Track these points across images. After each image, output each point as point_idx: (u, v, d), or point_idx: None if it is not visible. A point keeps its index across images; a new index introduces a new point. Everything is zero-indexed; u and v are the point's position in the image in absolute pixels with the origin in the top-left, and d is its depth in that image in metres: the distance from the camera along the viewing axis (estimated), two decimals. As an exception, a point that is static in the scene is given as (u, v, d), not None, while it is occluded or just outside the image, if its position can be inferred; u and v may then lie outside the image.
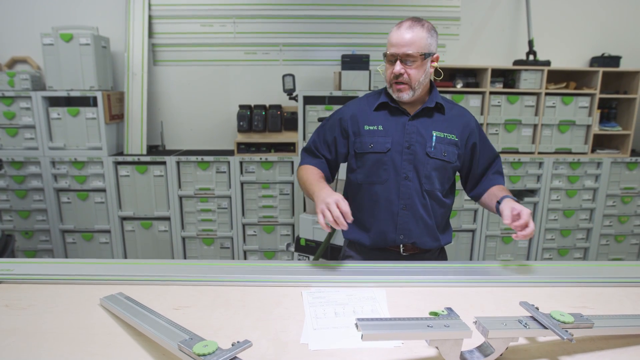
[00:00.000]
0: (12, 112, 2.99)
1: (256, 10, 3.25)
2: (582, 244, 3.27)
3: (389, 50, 1.40)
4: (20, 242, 3.18)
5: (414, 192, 1.46)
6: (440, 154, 1.45)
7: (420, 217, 1.48)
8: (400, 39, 1.36)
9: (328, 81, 3.35)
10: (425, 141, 1.45)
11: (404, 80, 1.39)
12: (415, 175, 1.46)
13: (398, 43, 1.37)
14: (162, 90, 3.37)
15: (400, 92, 1.41)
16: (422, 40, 1.37)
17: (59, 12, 3.19)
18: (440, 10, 3.28)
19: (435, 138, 1.45)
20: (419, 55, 1.37)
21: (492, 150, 1.57)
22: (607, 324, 0.94)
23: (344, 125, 1.53)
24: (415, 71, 1.38)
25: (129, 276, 1.27)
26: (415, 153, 1.45)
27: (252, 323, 1.04)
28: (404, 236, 1.49)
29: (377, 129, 1.47)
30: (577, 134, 3.13)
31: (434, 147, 1.45)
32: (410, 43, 1.36)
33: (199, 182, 3.11)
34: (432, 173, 1.46)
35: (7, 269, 1.31)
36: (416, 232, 1.48)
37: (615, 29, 3.37)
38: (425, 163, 1.45)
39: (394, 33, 1.39)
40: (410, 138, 1.45)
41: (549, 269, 1.37)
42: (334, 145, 1.55)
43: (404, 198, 1.46)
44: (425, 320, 0.84)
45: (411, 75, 1.38)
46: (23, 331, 0.99)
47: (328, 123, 1.58)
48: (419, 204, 1.47)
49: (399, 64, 1.38)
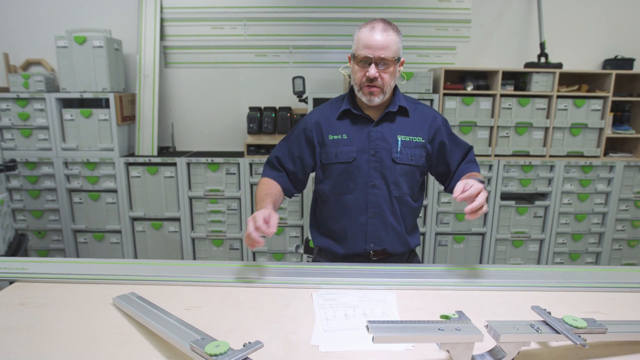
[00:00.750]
0: (26, 114, 3.04)
1: (266, 12, 3.27)
2: (594, 248, 3.23)
3: (361, 52, 1.36)
4: (33, 242, 3.23)
5: (382, 199, 1.45)
6: (407, 158, 1.44)
7: (389, 224, 1.47)
8: (375, 41, 1.33)
9: (338, 83, 3.35)
10: (391, 147, 1.43)
11: (378, 84, 1.37)
12: (382, 182, 1.44)
13: (373, 46, 1.33)
14: (173, 92, 3.41)
15: (373, 95, 1.38)
16: (396, 44, 1.36)
17: (72, 15, 3.24)
18: (451, 12, 3.27)
19: (401, 142, 1.44)
20: (393, 60, 1.35)
21: (464, 145, 1.54)
22: (621, 329, 0.93)
23: (308, 136, 1.49)
24: (388, 75, 1.37)
25: (141, 276, 1.28)
26: (381, 160, 1.43)
27: (263, 324, 1.04)
28: (374, 244, 1.48)
29: (342, 138, 1.45)
30: (589, 137, 3.09)
31: (400, 152, 1.43)
32: (385, 47, 1.33)
33: (209, 183, 3.13)
34: (399, 179, 1.45)
35: (21, 267, 1.33)
36: (386, 239, 1.48)
37: (628, 31, 3.33)
38: (392, 169, 1.43)
39: (367, 34, 1.35)
40: (375, 145, 1.43)
41: (560, 273, 1.36)
42: (300, 159, 1.51)
43: (373, 206, 1.45)
44: (437, 324, 0.84)
45: (384, 80, 1.37)
46: (37, 329, 1.01)
47: (293, 135, 1.54)
48: (387, 211, 1.46)
49: (373, 67, 1.35)
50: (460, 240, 3.18)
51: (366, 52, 1.35)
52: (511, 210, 3.13)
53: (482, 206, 1.18)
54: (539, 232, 3.19)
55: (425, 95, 2.98)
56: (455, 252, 3.20)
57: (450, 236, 3.18)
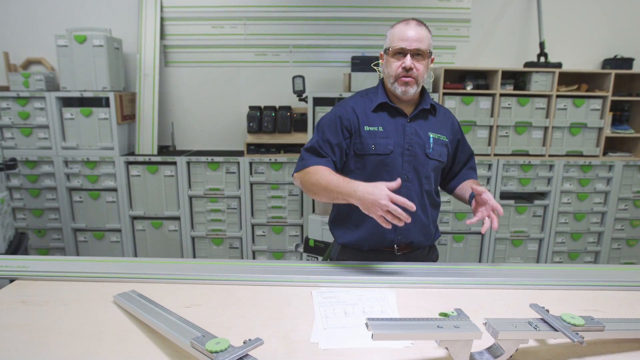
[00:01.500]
0: (26, 112, 3.04)
1: (267, 12, 3.27)
2: (593, 247, 3.24)
3: (397, 44, 1.40)
4: (33, 240, 3.23)
5: (414, 193, 1.48)
6: (437, 155, 1.50)
7: (418, 218, 1.49)
8: (411, 35, 1.39)
9: (338, 83, 3.36)
10: (424, 143, 1.48)
11: (413, 75, 1.41)
12: (415, 176, 1.48)
13: (409, 38, 1.39)
14: (173, 91, 3.41)
15: (408, 85, 1.42)
16: (428, 38, 1.43)
17: (72, 14, 3.24)
18: (451, 12, 3.27)
19: (432, 139, 1.49)
20: (427, 52, 1.41)
21: (469, 149, 1.66)
22: (619, 327, 0.93)
23: (345, 124, 1.48)
24: (423, 67, 1.42)
25: (142, 274, 1.29)
26: (415, 154, 1.47)
27: (263, 322, 1.05)
28: (403, 236, 1.50)
29: (378, 130, 1.47)
30: (588, 137, 3.10)
31: (432, 148, 1.48)
32: (420, 39, 1.40)
33: (208, 182, 3.13)
34: (430, 174, 1.50)
35: (22, 265, 1.34)
36: (414, 232, 1.50)
37: (628, 31, 3.34)
38: (425, 164, 1.48)
39: (402, 29, 1.41)
40: (410, 140, 1.47)
41: (559, 271, 1.37)
42: (338, 146, 1.48)
43: None
44: (436, 321, 0.85)
45: (419, 71, 1.41)
46: (39, 326, 1.02)
47: (325, 125, 1.50)
48: (417, 205, 1.46)
49: (409, 57, 1.39)
50: (459, 239, 3.19)
51: (402, 44, 1.40)
52: (510, 209, 3.13)
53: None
54: (538, 231, 3.20)
55: (424, 95, 2.98)
56: (454, 251, 3.21)
57: (450, 235, 3.19)
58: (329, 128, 1.49)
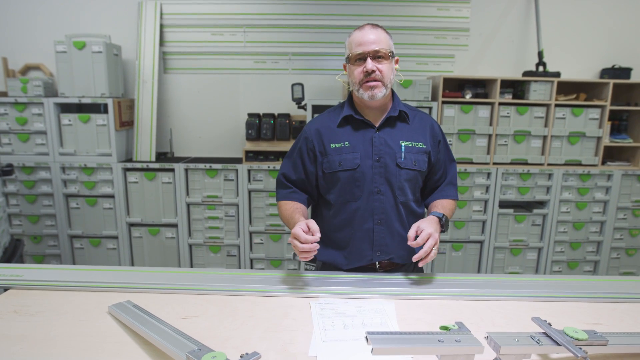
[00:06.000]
0: (24, 118, 3.03)
1: (266, 19, 3.28)
2: (592, 257, 3.23)
3: (355, 50, 1.39)
4: (29, 247, 3.21)
5: (388, 205, 1.44)
6: (411, 163, 1.44)
7: (395, 231, 1.46)
8: (367, 38, 1.38)
9: (337, 90, 3.36)
10: (395, 152, 1.43)
11: (377, 77, 1.38)
12: (388, 188, 1.44)
13: (366, 41, 1.38)
14: (171, 98, 3.40)
15: (374, 89, 1.39)
16: (386, 39, 1.41)
17: (72, 20, 3.24)
18: (450, 21, 3.28)
19: (404, 148, 1.44)
20: (387, 53, 1.39)
21: (450, 157, 1.58)
22: (622, 341, 0.92)
23: (309, 146, 1.49)
24: (386, 68, 1.39)
25: (138, 284, 1.27)
26: (385, 165, 1.43)
27: (260, 334, 1.03)
28: (381, 252, 1.46)
29: (344, 146, 1.44)
30: (587, 146, 3.10)
31: (404, 157, 1.43)
32: (377, 41, 1.38)
33: (206, 189, 3.12)
34: (404, 184, 1.45)
35: (16, 274, 1.32)
36: (392, 246, 1.46)
37: (626, 41, 3.36)
38: (397, 174, 1.43)
39: (358, 34, 1.40)
40: (379, 150, 1.43)
41: (560, 283, 1.35)
42: (304, 171, 1.51)
43: (379, 213, 1.44)
44: (436, 335, 0.83)
45: (383, 72, 1.38)
46: (32, 338, 1.00)
47: (295, 149, 1.54)
48: (394, 218, 1.45)
49: (369, 60, 1.37)
50: (458, 248, 3.17)
51: (360, 48, 1.38)
52: (509, 218, 3.13)
53: (429, 253, 1.27)
54: (537, 240, 3.19)
55: (424, 103, 2.99)
56: (453, 260, 3.19)
57: (449, 244, 3.17)
58: (297, 153, 1.53)
